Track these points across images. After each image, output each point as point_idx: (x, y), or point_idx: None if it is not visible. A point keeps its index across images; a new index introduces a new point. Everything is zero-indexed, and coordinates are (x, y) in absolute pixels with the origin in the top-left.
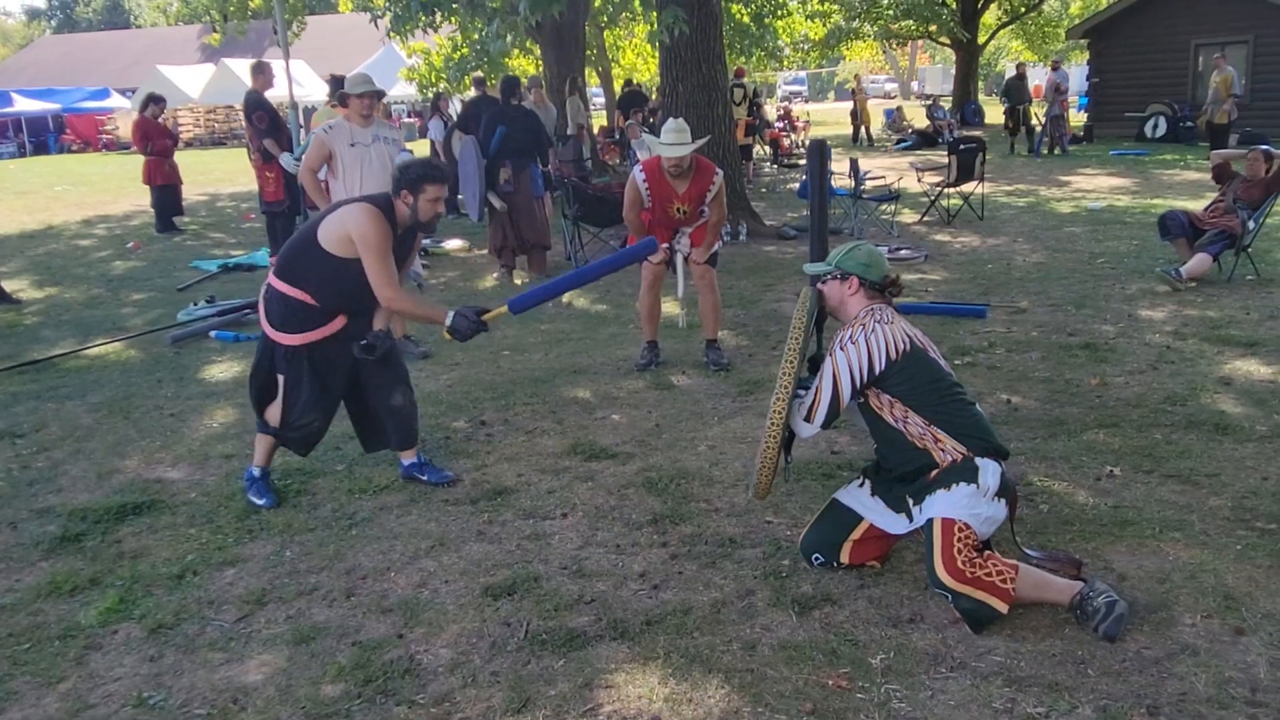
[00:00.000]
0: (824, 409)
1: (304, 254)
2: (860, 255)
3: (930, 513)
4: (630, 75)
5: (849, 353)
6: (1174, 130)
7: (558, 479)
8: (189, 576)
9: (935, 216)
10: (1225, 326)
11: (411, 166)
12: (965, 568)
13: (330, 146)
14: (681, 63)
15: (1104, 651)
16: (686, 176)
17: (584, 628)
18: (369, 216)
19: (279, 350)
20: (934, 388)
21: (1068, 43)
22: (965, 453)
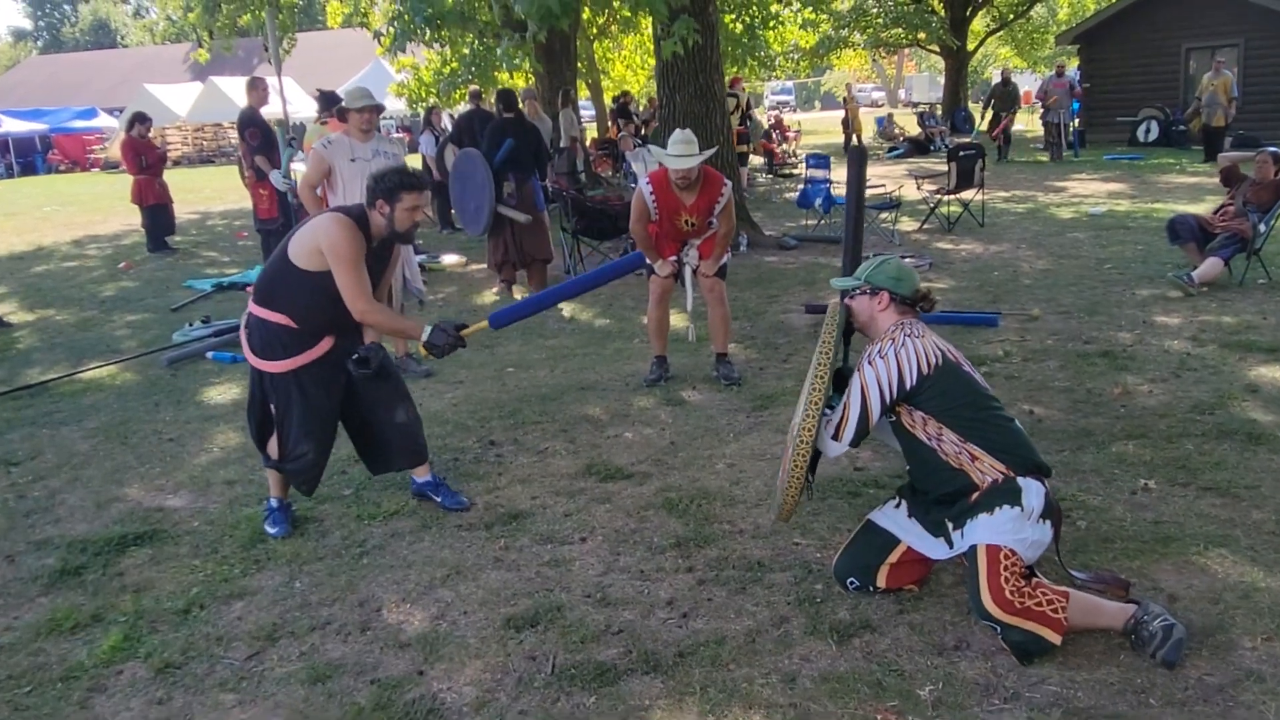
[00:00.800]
0: (852, 426)
1: (278, 275)
2: (890, 269)
3: (973, 539)
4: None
5: (878, 367)
6: (1166, 134)
7: (574, 501)
8: (195, 611)
9: (935, 224)
10: (1244, 332)
11: (387, 175)
12: (1014, 598)
13: (329, 162)
14: (679, 73)
15: (1164, 679)
16: (694, 188)
17: (614, 660)
18: (338, 226)
19: (266, 379)
20: (969, 403)
21: (1057, 48)
22: (1005, 472)
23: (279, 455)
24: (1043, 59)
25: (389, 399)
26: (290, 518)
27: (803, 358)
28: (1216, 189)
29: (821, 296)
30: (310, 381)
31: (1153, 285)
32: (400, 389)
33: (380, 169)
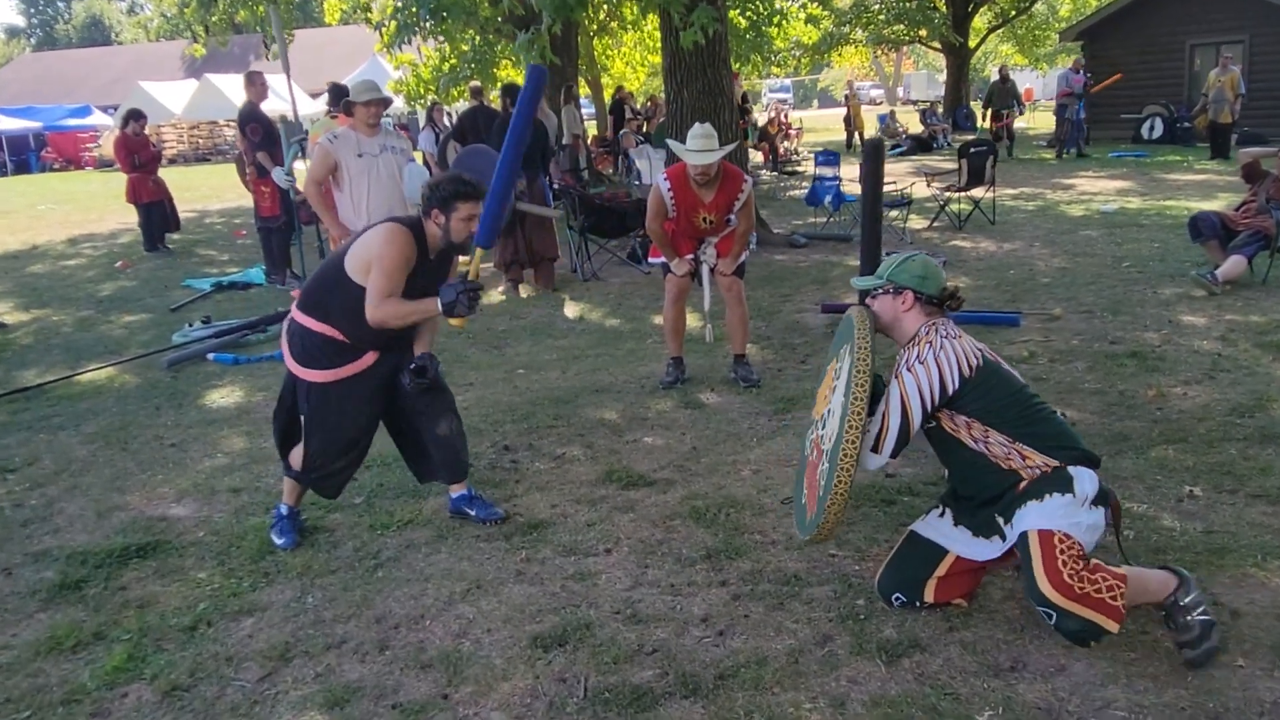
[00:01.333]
0: (893, 437)
1: (331, 286)
2: (915, 267)
3: (1023, 526)
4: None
5: (918, 374)
6: (1171, 131)
7: (595, 510)
8: (203, 628)
9: (945, 222)
10: (1274, 332)
11: (442, 184)
12: (1074, 582)
13: (335, 157)
14: (686, 68)
15: (1237, 703)
16: (714, 184)
17: (649, 683)
18: (391, 235)
19: (302, 387)
20: (1014, 401)
21: (1058, 44)
22: (1056, 464)
23: (302, 466)
24: (1044, 56)
25: (432, 410)
26: (299, 527)
27: (821, 359)
28: (1226, 186)
29: (836, 295)
30: (349, 395)
31: (1175, 284)
32: (447, 401)
33: (435, 177)
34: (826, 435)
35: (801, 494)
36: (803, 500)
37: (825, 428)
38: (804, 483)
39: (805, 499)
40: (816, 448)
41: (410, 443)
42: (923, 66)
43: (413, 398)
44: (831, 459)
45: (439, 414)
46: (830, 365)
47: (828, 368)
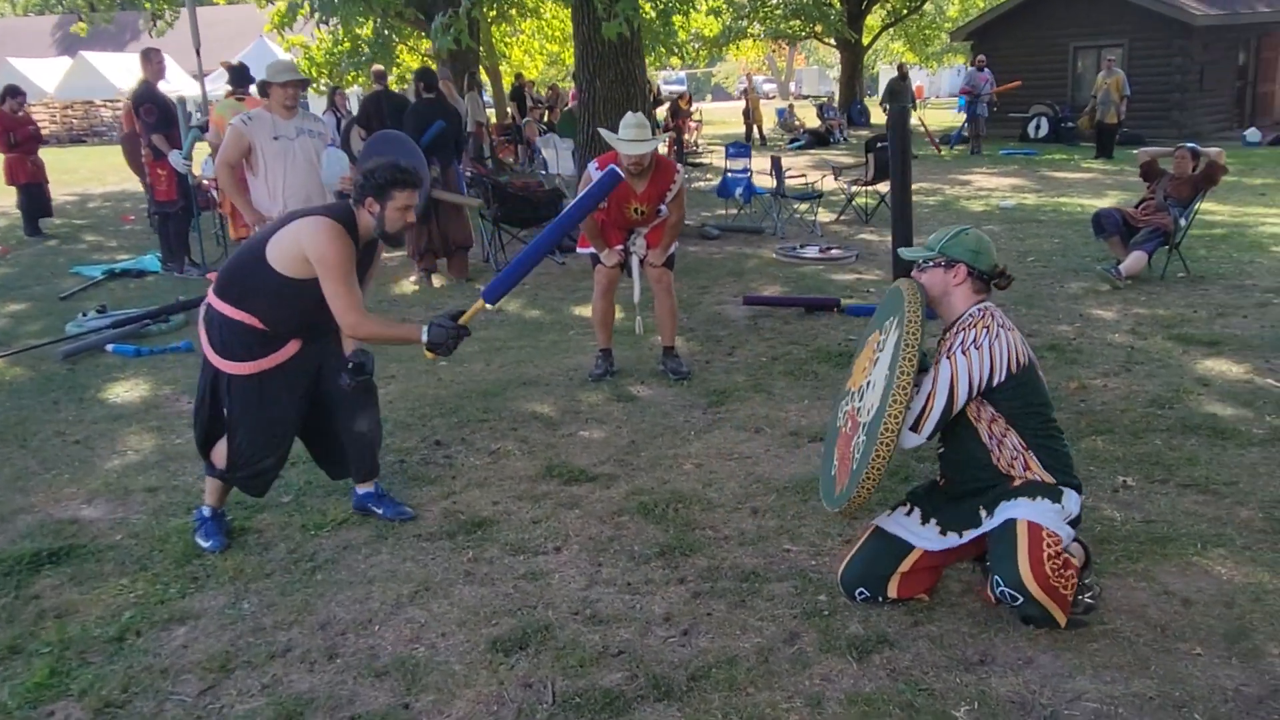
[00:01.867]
0: (935, 419)
1: (250, 273)
2: (969, 241)
3: (1011, 514)
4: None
5: (971, 359)
6: (1056, 130)
7: (539, 507)
8: (131, 639)
9: (852, 215)
10: (1180, 325)
11: (377, 171)
12: (1054, 580)
13: (249, 139)
14: (599, 58)
15: (1201, 690)
16: (646, 175)
17: (619, 686)
18: (328, 233)
19: (224, 380)
20: (1041, 410)
21: (947, 44)
22: (1051, 481)
23: (226, 464)
24: (933, 54)
25: (354, 405)
26: (225, 529)
27: (747, 351)
28: (1114, 184)
29: (754, 287)
30: (273, 386)
31: (1079, 278)
32: (372, 397)
33: (372, 162)
34: (865, 407)
35: (832, 465)
36: (832, 472)
37: (863, 400)
38: (834, 454)
39: (835, 471)
40: (852, 419)
41: (323, 438)
42: (814, 62)
43: (336, 391)
44: (870, 432)
45: (362, 409)
46: (872, 336)
47: (868, 338)
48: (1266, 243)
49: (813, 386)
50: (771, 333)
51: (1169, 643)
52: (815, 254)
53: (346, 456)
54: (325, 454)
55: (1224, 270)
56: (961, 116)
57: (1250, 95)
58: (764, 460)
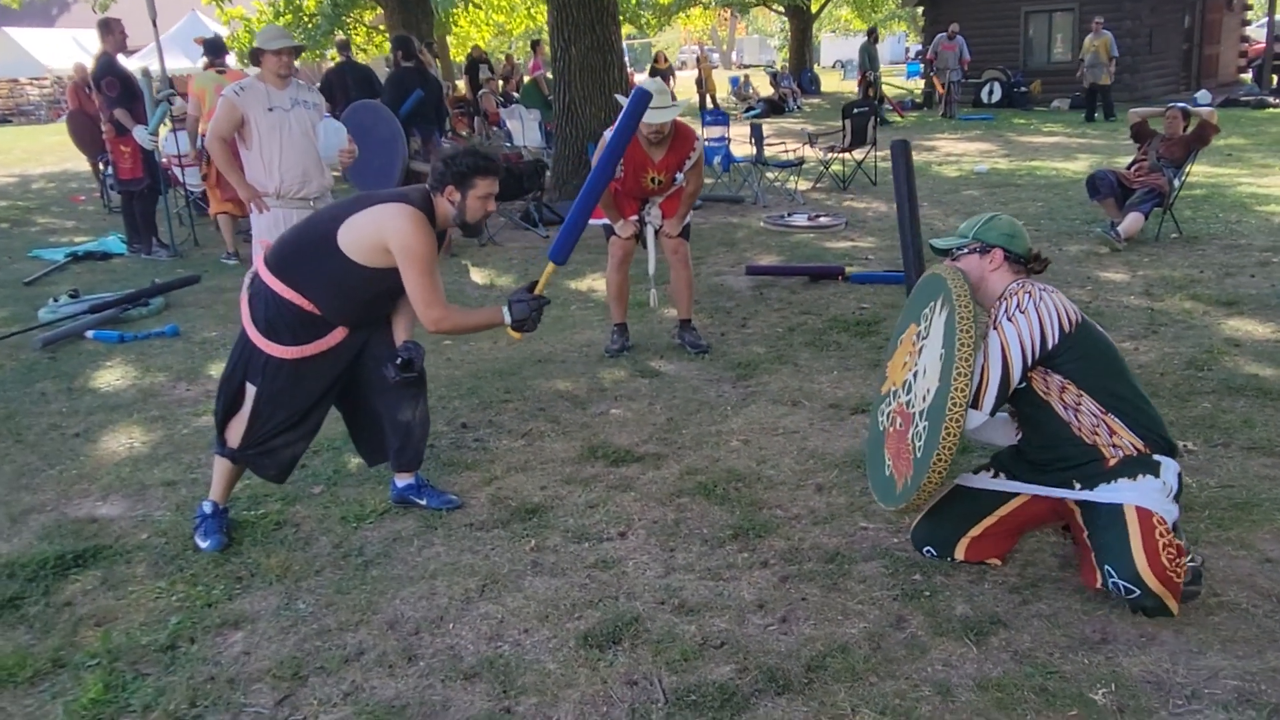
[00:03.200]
0: (994, 391)
1: (316, 255)
2: (1003, 226)
3: (1117, 498)
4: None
5: (1019, 324)
6: (1009, 95)
7: (590, 490)
8: (184, 646)
9: (828, 183)
10: (1191, 286)
11: (459, 157)
12: (1170, 569)
13: (243, 111)
14: (574, 24)
15: None
16: (665, 144)
17: (732, 680)
18: (414, 223)
19: (259, 360)
20: (1109, 366)
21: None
22: (1143, 450)
23: (241, 442)
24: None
25: (399, 393)
26: (225, 527)
27: (761, 322)
28: (1080, 147)
29: (751, 256)
30: (310, 371)
31: (1075, 241)
32: (418, 386)
33: (451, 149)
34: (917, 397)
35: (884, 467)
36: (887, 473)
37: (912, 391)
38: (884, 456)
39: (891, 470)
40: (901, 415)
41: (366, 422)
42: (753, 31)
43: (379, 376)
44: (933, 414)
45: (406, 398)
46: (907, 331)
47: (901, 336)
48: (1249, 202)
49: (839, 357)
50: (780, 303)
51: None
52: (804, 222)
53: (386, 443)
54: (363, 437)
55: (1215, 230)
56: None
57: (1197, 57)
58: (812, 434)
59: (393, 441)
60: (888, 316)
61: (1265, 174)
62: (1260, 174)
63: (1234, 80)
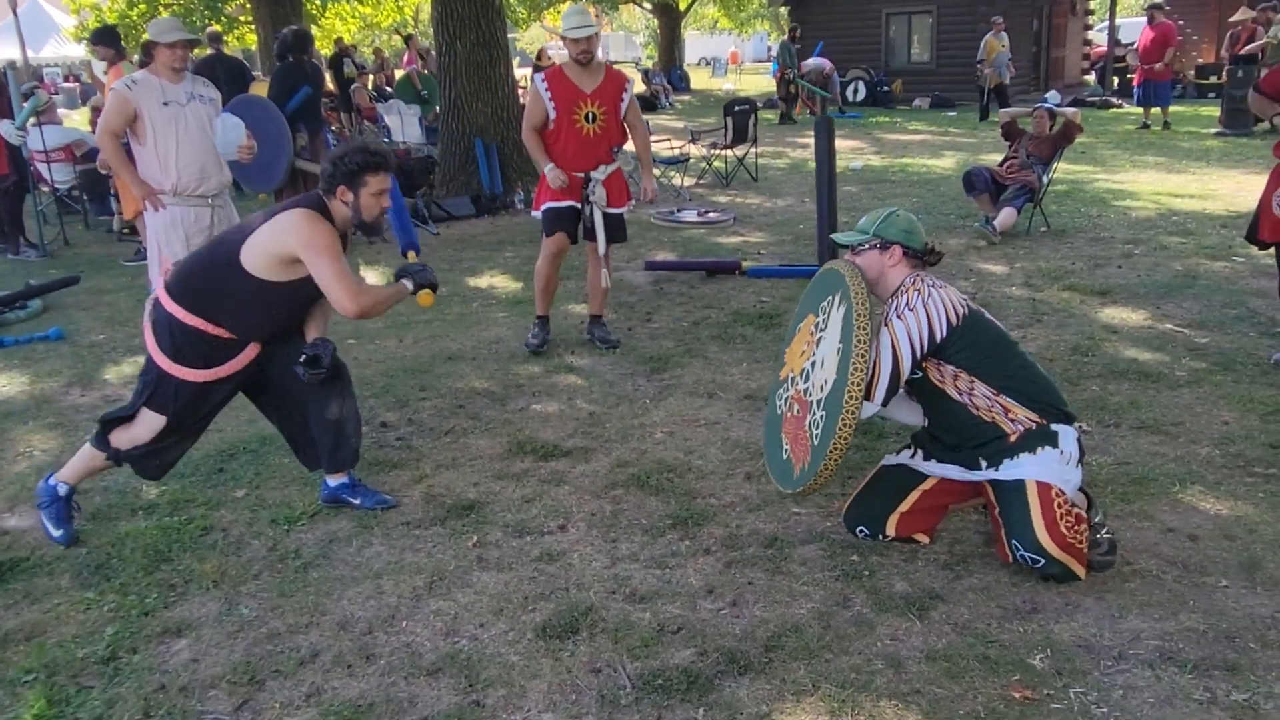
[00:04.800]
0: (884, 384)
1: (226, 281)
2: (901, 222)
3: (1018, 474)
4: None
5: (907, 321)
6: (873, 94)
7: (523, 485)
8: (125, 656)
9: (711, 179)
10: (1066, 277)
11: (347, 156)
12: (1070, 536)
13: (135, 106)
14: (459, 19)
15: (1244, 621)
16: (596, 73)
17: (694, 664)
18: (311, 221)
19: (171, 384)
20: (999, 352)
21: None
22: (1039, 421)
23: (129, 448)
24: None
25: (322, 391)
26: (71, 514)
27: (666, 316)
28: (946, 144)
29: (647, 252)
30: (219, 388)
31: (953, 235)
32: (339, 383)
33: (341, 148)
34: (814, 386)
35: (782, 450)
36: (784, 456)
37: (809, 380)
38: (782, 439)
39: (788, 454)
40: (799, 402)
41: (298, 428)
42: (617, 28)
43: (294, 377)
44: (830, 405)
45: (331, 395)
46: (805, 322)
47: (799, 325)
48: (1106, 197)
49: (746, 349)
50: (681, 297)
51: (1195, 577)
52: (694, 218)
53: (319, 444)
54: (299, 443)
55: (1080, 224)
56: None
57: (1045, 60)
58: (732, 425)
59: (325, 441)
60: (787, 309)
61: (1118, 170)
62: (1114, 170)
63: (1079, 81)
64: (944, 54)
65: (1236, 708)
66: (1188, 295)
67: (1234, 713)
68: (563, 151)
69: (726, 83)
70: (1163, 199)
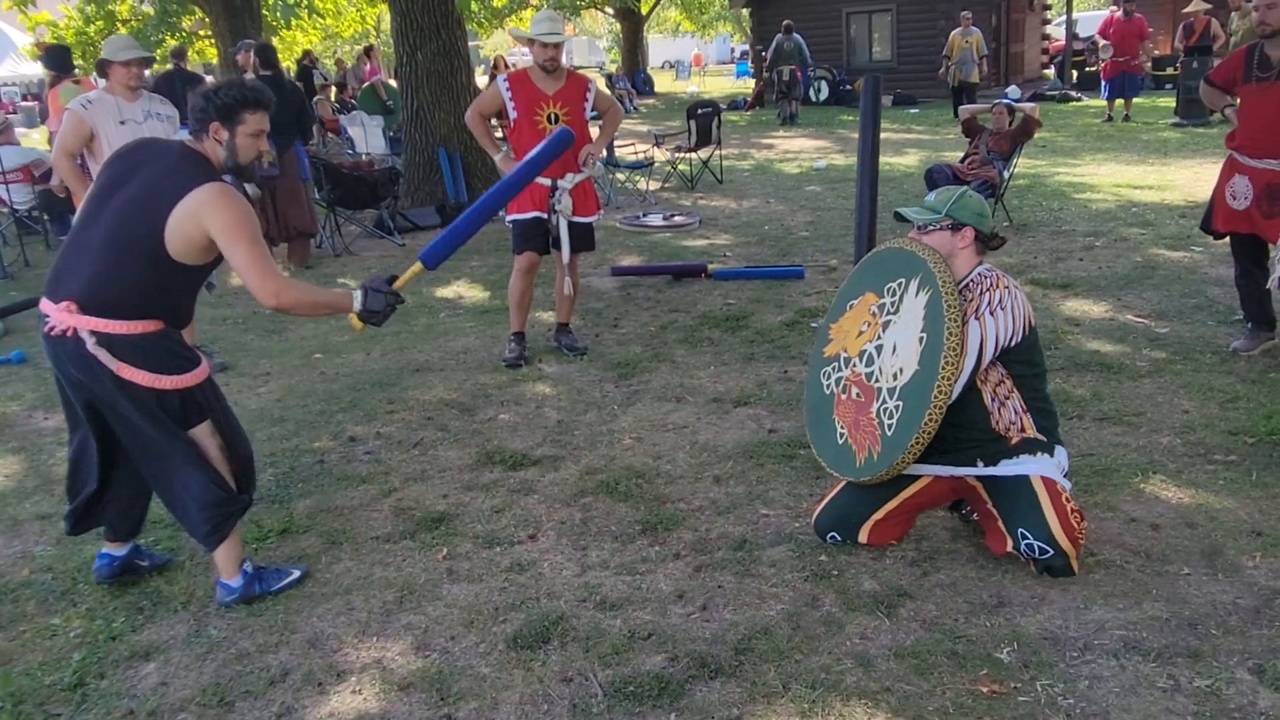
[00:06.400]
0: (965, 379)
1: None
2: (974, 204)
3: (1023, 470)
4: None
5: (999, 320)
6: (835, 93)
7: (493, 495)
8: (93, 682)
9: (676, 183)
10: (1029, 271)
11: (222, 90)
12: (1078, 530)
13: (91, 125)
14: (419, 29)
15: (1206, 608)
16: (559, 78)
17: (665, 669)
18: (229, 198)
19: (172, 400)
20: (1042, 370)
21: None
22: (1044, 440)
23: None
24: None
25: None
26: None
27: (633, 321)
28: (910, 142)
29: (610, 258)
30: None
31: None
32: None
33: (209, 85)
34: (883, 372)
35: (834, 434)
36: (840, 441)
37: (874, 365)
38: (835, 421)
39: (844, 439)
40: (858, 385)
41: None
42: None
43: None
44: (911, 395)
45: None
46: (860, 300)
47: (851, 303)
48: (1067, 191)
49: (713, 353)
50: (648, 302)
51: (1157, 566)
52: (660, 221)
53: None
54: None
55: (1041, 218)
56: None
57: (1004, 55)
58: (701, 429)
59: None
60: (755, 311)
61: (1078, 164)
62: (1073, 164)
63: (1038, 76)
64: (905, 52)
65: (1199, 694)
66: (1148, 286)
67: (1197, 699)
68: (524, 153)
69: (690, 85)
70: (1122, 191)
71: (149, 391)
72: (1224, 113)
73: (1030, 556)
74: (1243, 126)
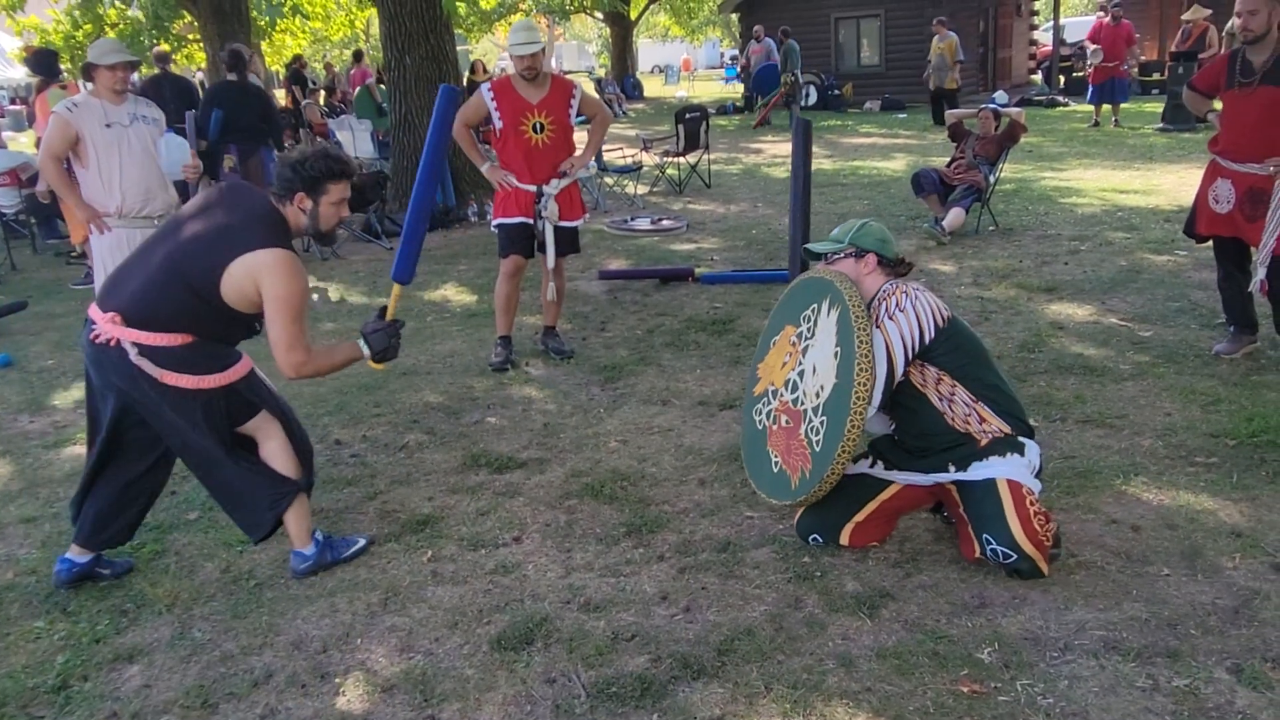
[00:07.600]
0: (880, 385)
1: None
2: (875, 232)
3: (990, 473)
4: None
5: (899, 322)
6: (824, 99)
7: (478, 498)
8: (77, 685)
9: (664, 187)
10: (1013, 275)
11: (308, 160)
12: (1041, 534)
13: (76, 128)
14: (407, 33)
15: (1185, 608)
16: (542, 85)
17: (648, 670)
18: (292, 271)
19: (218, 399)
20: (978, 357)
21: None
22: (1009, 432)
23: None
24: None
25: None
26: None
27: (620, 325)
28: (895, 147)
29: (597, 261)
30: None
31: (904, 236)
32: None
33: (297, 153)
34: (806, 394)
35: (769, 465)
36: (774, 470)
37: (798, 390)
38: (769, 452)
39: (779, 467)
40: (786, 413)
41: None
42: (570, 38)
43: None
44: (832, 410)
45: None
46: (781, 335)
47: (773, 340)
48: (1053, 195)
49: (700, 356)
50: (635, 305)
51: (1138, 567)
52: (648, 225)
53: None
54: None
55: (1027, 222)
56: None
57: (992, 60)
58: (686, 432)
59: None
60: (741, 314)
61: (1064, 169)
62: (1059, 169)
63: (1026, 81)
64: (893, 57)
65: (1178, 693)
66: (1132, 290)
67: (1175, 698)
68: (509, 161)
69: (680, 89)
70: (1108, 195)
71: (195, 398)
72: (1206, 117)
73: (996, 561)
74: (1225, 131)
